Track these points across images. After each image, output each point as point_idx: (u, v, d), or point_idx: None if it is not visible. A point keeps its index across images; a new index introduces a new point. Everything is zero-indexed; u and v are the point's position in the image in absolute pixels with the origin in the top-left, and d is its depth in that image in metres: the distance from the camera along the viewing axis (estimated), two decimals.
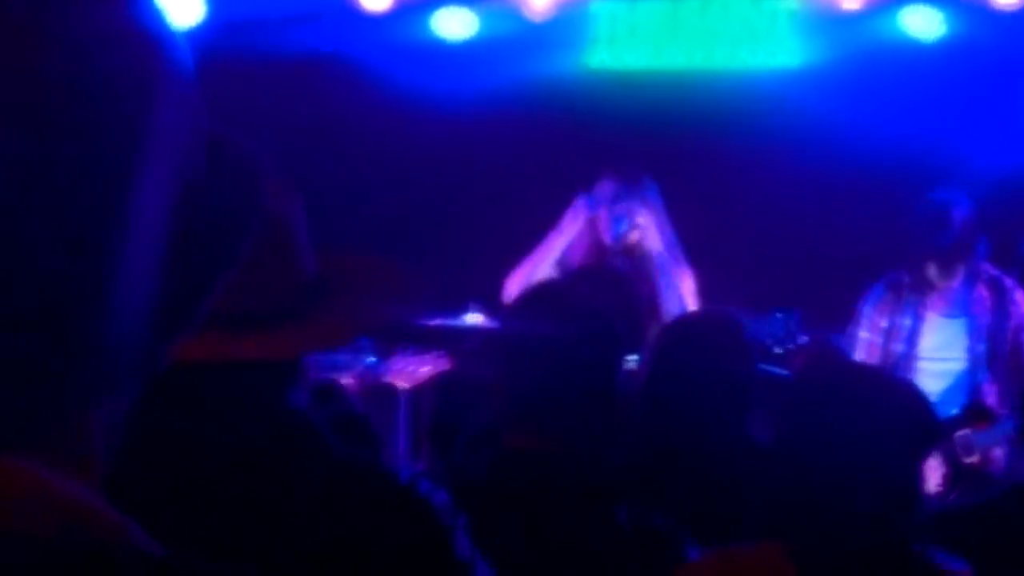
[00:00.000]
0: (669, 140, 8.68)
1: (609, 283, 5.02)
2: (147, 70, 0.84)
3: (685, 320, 5.22)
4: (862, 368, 4.51)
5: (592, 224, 6.73)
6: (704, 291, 6.83)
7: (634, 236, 6.64)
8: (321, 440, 2.13)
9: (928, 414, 3.47)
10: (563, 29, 8.97)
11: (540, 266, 6.66)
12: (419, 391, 7.17)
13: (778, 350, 6.76)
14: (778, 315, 6.65)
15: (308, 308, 2.11)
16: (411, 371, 7.03)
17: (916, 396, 3.42)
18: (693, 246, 6.96)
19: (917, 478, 3.62)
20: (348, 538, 2.03)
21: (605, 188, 6.75)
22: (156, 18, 0.87)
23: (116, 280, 0.81)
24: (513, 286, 6.50)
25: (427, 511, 2.09)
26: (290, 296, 2.10)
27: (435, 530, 2.08)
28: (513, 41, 8.83)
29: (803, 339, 6.74)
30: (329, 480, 2.08)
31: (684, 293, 6.66)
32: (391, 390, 7.45)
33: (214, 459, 2.04)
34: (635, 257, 6.64)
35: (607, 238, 6.64)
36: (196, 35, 8.57)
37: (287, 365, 2.14)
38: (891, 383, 3.67)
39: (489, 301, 7.50)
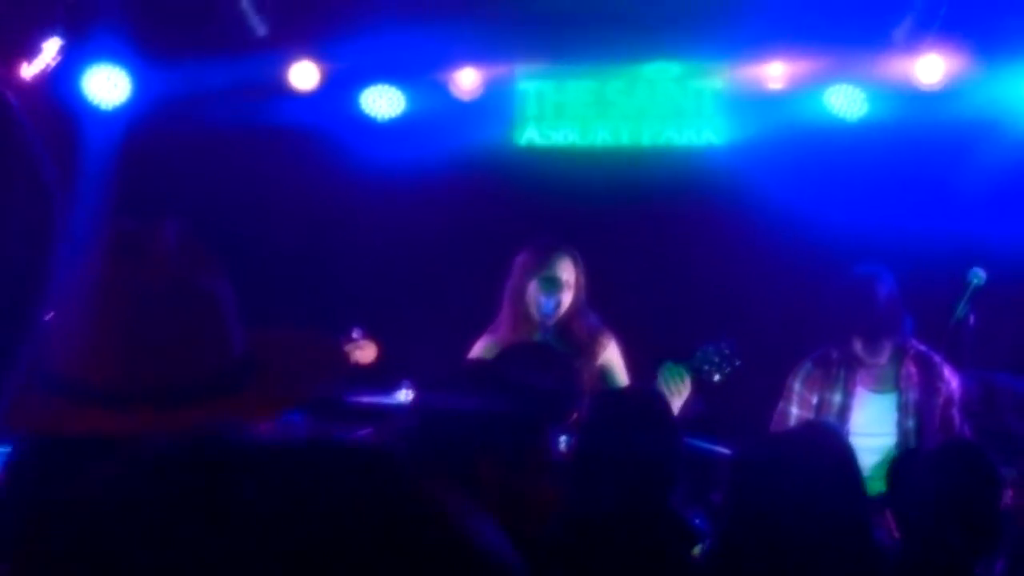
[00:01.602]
0: (596, 213, 8.74)
1: (546, 360, 5.02)
2: None
3: (609, 397, 5.21)
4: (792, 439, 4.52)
5: (517, 296, 6.72)
6: (627, 362, 6.84)
7: (564, 311, 6.65)
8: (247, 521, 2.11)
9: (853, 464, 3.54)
10: (491, 107, 9.03)
11: None
12: None
13: (717, 377, 6.77)
14: (709, 346, 6.65)
15: (237, 384, 2.11)
16: None
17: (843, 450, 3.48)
18: (620, 313, 6.99)
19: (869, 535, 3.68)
20: None
21: (527, 261, 6.76)
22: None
23: None
24: None
25: None
26: (219, 372, 2.10)
27: None
28: (442, 119, 8.87)
29: (738, 363, 6.74)
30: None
31: (613, 360, 6.69)
32: None
33: (139, 541, 2.01)
34: (566, 331, 6.65)
35: (536, 312, 6.64)
36: (124, 112, 8.56)
37: None
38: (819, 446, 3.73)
39: (422, 376, 7.49)
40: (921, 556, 3.87)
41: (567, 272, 6.68)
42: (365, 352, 7.49)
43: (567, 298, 6.67)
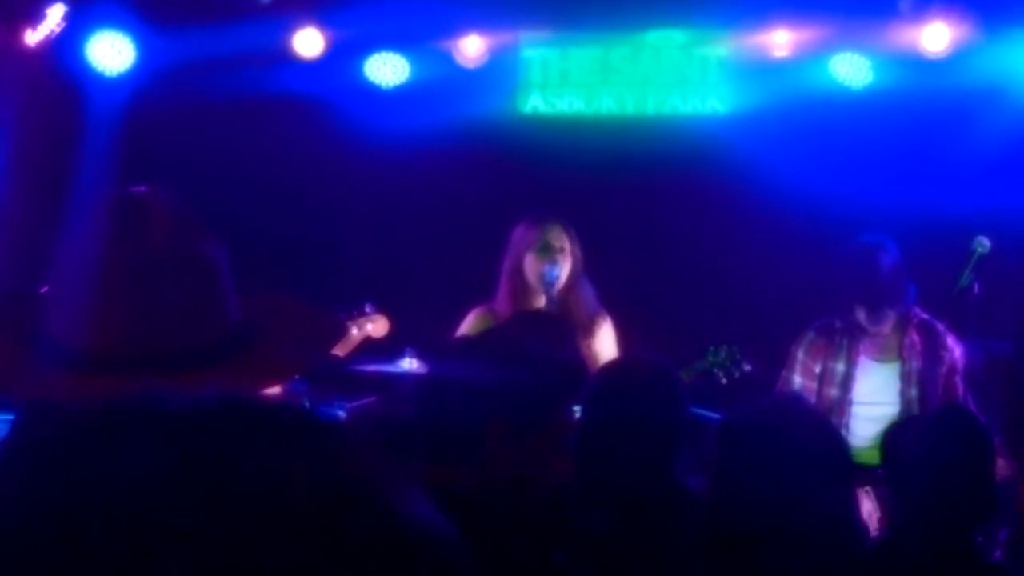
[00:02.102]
0: (600, 183, 8.74)
1: (550, 329, 5.02)
2: None
3: (615, 368, 5.19)
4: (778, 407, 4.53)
5: (514, 269, 6.75)
6: (634, 332, 6.86)
7: (563, 282, 6.68)
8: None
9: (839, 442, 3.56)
10: (495, 75, 9.02)
11: None
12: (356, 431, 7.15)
13: (724, 380, 6.81)
14: (722, 348, 6.69)
15: (234, 352, 2.11)
16: None
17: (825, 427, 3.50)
18: (622, 286, 7.00)
19: (847, 505, 3.69)
20: None
21: (523, 233, 6.78)
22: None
23: None
24: None
25: None
26: (216, 340, 2.10)
27: None
28: (446, 86, 8.86)
29: (747, 368, 6.78)
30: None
31: (606, 338, 6.71)
32: None
33: (133, 505, 2.01)
34: (564, 304, 6.67)
35: (539, 282, 6.66)
36: (127, 79, 8.55)
37: None
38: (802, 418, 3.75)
39: (425, 346, 7.50)
40: (917, 526, 3.88)
41: (560, 240, 6.72)
42: (378, 326, 7.52)
43: (565, 267, 6.70)
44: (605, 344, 6.72)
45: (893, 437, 4.19)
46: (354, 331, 7.41)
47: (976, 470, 3.94)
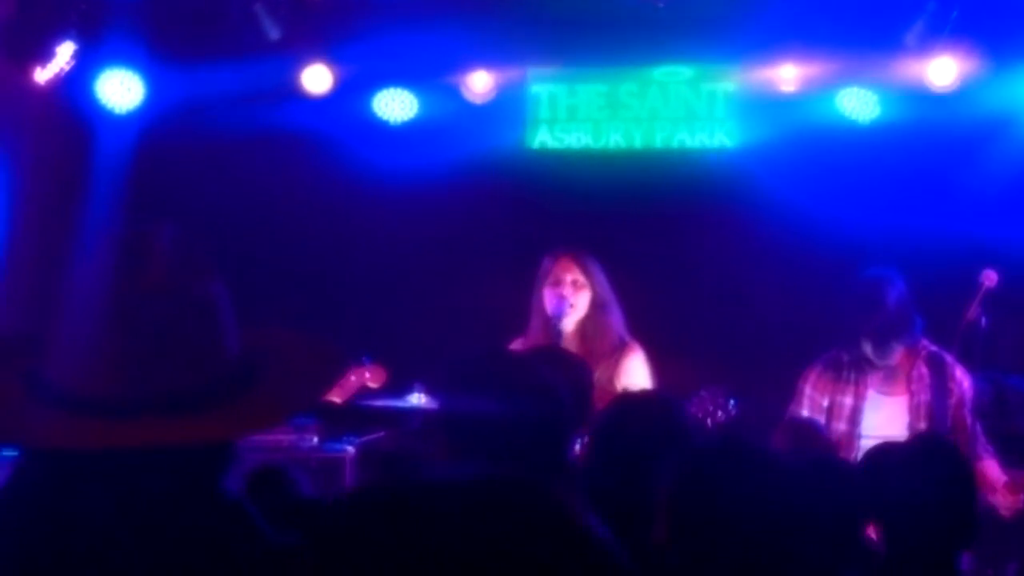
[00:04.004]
0: (609, 218, 8.74)
1: (559, 361, 5.02)
2: None
3: (621, 404, 5.18)
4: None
5: (537, 303, 6.81)
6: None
7: (581, 314, 6.70)
8: (253, 528, 2.09)
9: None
10: (503, 110, 9.04)
11: None
12: (365, 463, 7.19)
13: (709, 422, 6.79)
14: (707, 391, 6.68)
15: (237, 390, 2.09)
16: None
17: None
18: (631, 316, 6.99)
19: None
20: None
21: (541, 267, 6.83)
22: None
23: None
24: None
25: None
26: (218, 378, 2.07)
27: None
28: (454, 122, 8.88)
29: (734, 411, 6.77)
30: (262, 569, 2.03)
31: (635, 369, 6.68)
32: (336, 463, 7.46)
33: (142, 548, 2.01)
34: (583, 335, 6.69)
35: (550, 314, 6.70)
36: (137, 117, 8.57)
37: (217, 450, 2.11)
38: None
39: (432, 381, 7.50)
40: (902, 554, 3.91)
41: (570, 272, 6.74)
42: (374, 376, 7.65)
43: (580, 300, 6.71)
44: (633, 375, 6.68)
45: (872, 467, 4.20)
46: (352, 379, 7.54)
47: (954, 496, 3.96)
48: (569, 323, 6.73)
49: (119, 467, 2.00)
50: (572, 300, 6.71)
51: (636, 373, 6.70)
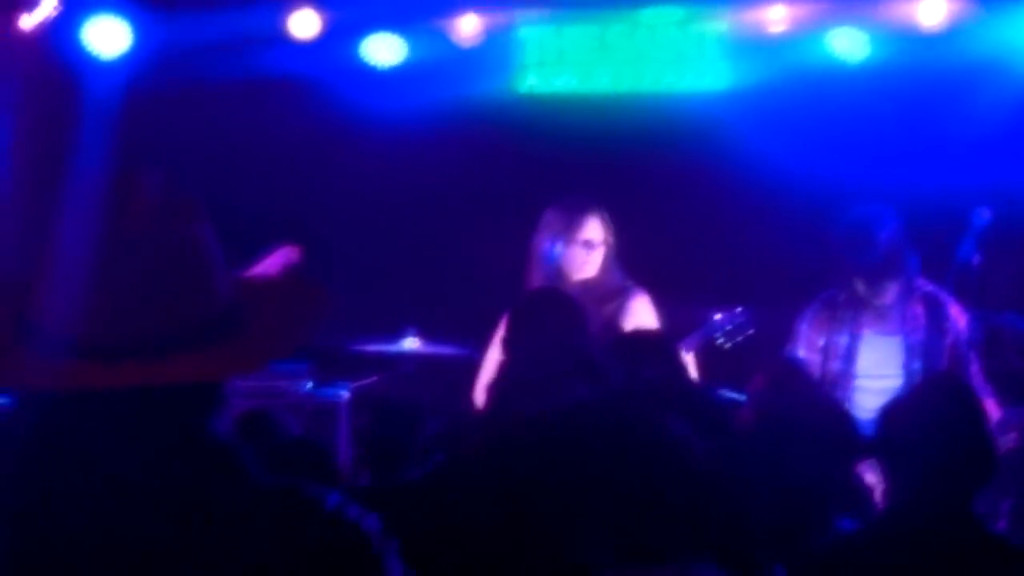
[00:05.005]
0: (597, 161, 8.72)
1: (564, 309, 5.07)
2: None
3: (622, 340, 5.22)
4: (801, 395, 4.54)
5: (545, 255, 6.72)
6: None
7: (596, 270, 6.66)
8: (241, 468, 2.10)
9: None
10: (491, 54, 9.00)
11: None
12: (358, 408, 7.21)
13: (726, 344, 6.79)
14: (722, 313, 6.68)
15: (225, 332, 2.09)
16: None
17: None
18: (623, 262, 6.99)
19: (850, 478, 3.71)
20: (271, 569, 2.00)
21: (556, 220, 6.73)
22: None
23: None
24: (481, 396, 6.09)
25: (356, 537, 2.06)
26: (205, 322, 2.08)
27: (364, 557, 2.06)
28: (442, 66, 8.85)
29: (751, 331, 6.76)
30: (249, 509, 2.04)
31: (642, 311, 6.66)
32: (330, 408, 7.47)
33: (131, 488, 2.02)
34: (594, 285, 6.65)
35: (569, 272, 6.65)
36: (123, 63, 8.54)
37: (206, 391, 2.11)
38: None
39: (425, 325, 7.51)
40: (917, 497, 3.86)
41: (598, 232, 6.68)
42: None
43: (599, 257, 6.68)
44: (640, 316, 6.65)
45: (886, 413, 4.18)
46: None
47: (969, 433, 3.93)
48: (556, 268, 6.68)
49: (108, 409, 2.01)
50: (588, 258, 6.66)
51: (643, 315, 6.66)
